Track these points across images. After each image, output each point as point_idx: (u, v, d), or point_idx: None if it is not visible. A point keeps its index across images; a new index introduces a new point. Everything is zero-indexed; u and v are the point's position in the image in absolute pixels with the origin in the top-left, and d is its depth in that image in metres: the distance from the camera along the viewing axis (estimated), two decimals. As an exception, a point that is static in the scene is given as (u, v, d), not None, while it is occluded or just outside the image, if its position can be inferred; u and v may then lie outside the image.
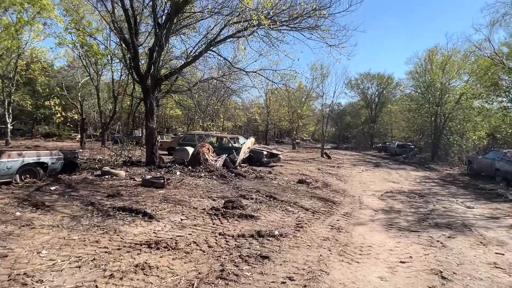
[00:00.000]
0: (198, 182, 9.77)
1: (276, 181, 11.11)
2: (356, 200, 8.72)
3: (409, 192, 10.38)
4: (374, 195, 9.66)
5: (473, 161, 16.23)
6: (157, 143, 12.36)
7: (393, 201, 8.76)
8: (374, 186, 11.55)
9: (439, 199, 9.40)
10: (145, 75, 11.11)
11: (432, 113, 24.91)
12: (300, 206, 7.43)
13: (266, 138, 46.18)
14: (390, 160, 26.90)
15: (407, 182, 13.21)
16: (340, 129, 62.50)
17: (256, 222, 6.04)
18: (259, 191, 8.95)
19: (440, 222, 6.62)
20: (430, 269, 4.13)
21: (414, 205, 8.32)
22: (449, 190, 11.55)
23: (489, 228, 6.38)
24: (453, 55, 24.98)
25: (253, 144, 15.05)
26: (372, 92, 52.73)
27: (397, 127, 42.92)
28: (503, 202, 9.42)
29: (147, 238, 4.85)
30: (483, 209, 8.31)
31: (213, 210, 6.65)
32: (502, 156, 13.93)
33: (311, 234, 5.41)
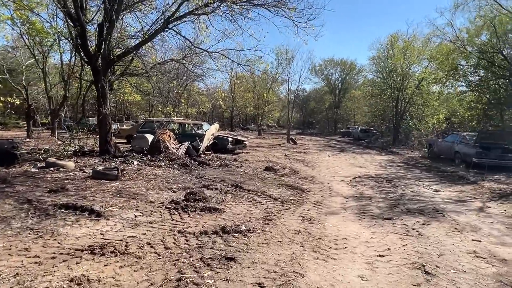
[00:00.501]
0: (158, 172, 8.98)
1: (242, 169, 10.56)
2: (325, 187, 8.39)
3: (376, 177, 10.27)
4: (343, 181, 9.41)
5: (433, 145, 16.66)
6: (112, 130, 11.29)
7: (362, 187, 8.54)
8: (342, 171, 11.36)
9: (406, 183, 9.34)
10: (95, 55, 9.96)
11: (394, 98, 25.43)
12: (268, 195, 6.94)
13: (231, 124, 45.37)
14: (354, 144, 27.33)
15: (373, 166, 13.21)
16: (305, 115, 63.04)
17: (221, 215, 5.45)
18: (224, 180, 8.35)
19: (411, 208, 6.42)
20: (411, 262, 3.78)
21: (383, 191, 8.14)
22: (414, 173, 11.63)
23: (459, 212, 6.27)
24: (413, 42, 25.50)
25: (218, 131, 14.34)
26: (335, 78, 53.41)
27: (360, 112, 43.90)
28: (466, 184, 9.56)
29: (92, 242, 4.11)
30: (450, 192, 8.31)
31: (172, 203, 5.97)
32: (461, 139, 14.33)
33: (282, 227, 4.92)
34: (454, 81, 16.81)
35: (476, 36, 14.62)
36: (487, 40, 14.60)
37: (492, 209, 6.61)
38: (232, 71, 38.72)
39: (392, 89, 25.40)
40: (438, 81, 17.35)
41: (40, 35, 14.81)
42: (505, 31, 13.41)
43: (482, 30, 14.23)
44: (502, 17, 13.07)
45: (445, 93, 18.41)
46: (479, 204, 7.08)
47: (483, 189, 8.79)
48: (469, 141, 13.87)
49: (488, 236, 4.88)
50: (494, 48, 13.90)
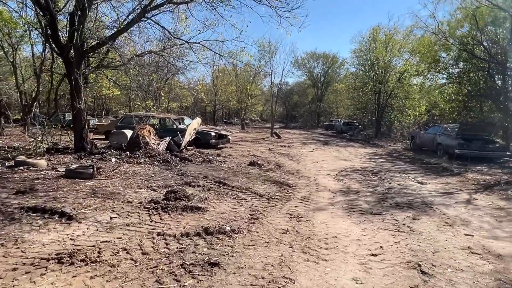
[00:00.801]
0: (137, 170, 8.55)
1: (225, 164, 10.23)
2: (311, 181, 8.18)
3: (362, 170, 10.16)
4: (329, 174, 9.24)
5: (415, 137, 16.78)
6: (87, 126, 10.72)
7: (349, 181, 8.37)
8: (327, 165, 11.21)
9: (392, 176, 9.26)
10: (67, 46, 9.35)
11: (376, 91, 25.57)
12: (253, 192, 6.65)
13: (214, 119, 44.77)
14: (337, 137, 27.39)
15: (358, 159, 13.14)
16: (288, 109, 63.01)
17: (204, 215, 5.14)
18: (207, 176, 8.02)
19: (400, 202, 6.28)
20: (406, 262, 3.59)
21: (370, 184, 8.00)
22: (399, 166, 11.61)
23: (448, 205, 6.17)
24: (395, 34, 25.65)
25: (200, 125, 13.92)
26: (318, 71, 53.49)
27: (343, 105, 44.14)
28: (450, 176, 9.56)
29: (60, 249, 3.72)
30: (436, 184, 8.26)
31: (152, 203, 5.61)
32: (443, 131, 14.45)
33: (268, 226, 4.65)
34: (436, 73, 16.95)
35: (457, 28, 14.71)
36: (467, 32, 14.70)
37: (479, 201, 6.56)
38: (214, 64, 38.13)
39: (374, 82, 25.52)
40: (420, 73, 17.44)
41: (8, 26, 13.92)
42: (485, 23, 13.52)
43: (463, 22, 14.32)
44: (483, 9, 13.15)
45: (426, 85, 18.55)
46: (466, 196, 7.03)
47: (467, 180, 8.79)
48: (451, 132, 13.99)
49: (479, 230, 4.76)
50: (475, 40, 14.01)
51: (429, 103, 20.72)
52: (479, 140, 13.27)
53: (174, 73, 31.34)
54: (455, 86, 17.79)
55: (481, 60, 15.59)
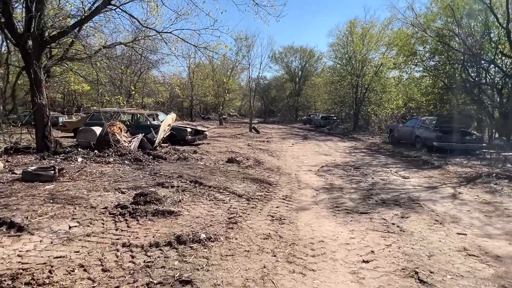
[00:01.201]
0: (105, 170, 7.88)
1: (202, 161, 9.70)
2: (293, 178, 7.80)
3: (344, 165, 9.90)
4: (310, 170, 8.90)
5: (394, 130, 16.81)
6: (50, 123, 9.88)
7: (331, 177, 8.06)
8: (308, 160, 10.89)
9: (374, 171, 9.04)
10: (24, 35, 8.48)
11: (353, 85, 25.60)
12: (231, 192, 6.19)
13: (191, 114, 43.78)
14: (316, 132, 27.30)
15: (338, 153, 12.92)
16: (266, 103, 62.69)
17: (177, 220, 4.64)
18: (182, 176, 7.48)
19: (386, 198, 6.00)
20: (401, 269, 3.24)
21: (353, 180, 7.71)
22: (379, 159, 11.46)
23: (434, 200, 5.95)
24: (371, 28, 25.72)
25: (175, 121, 13.26)
26: (295, 66, 53.31)
27: (321, 99, 44.23)
28: (432, 169, 9.46)
29: (2, 269, 3.14)
30: (419, 178, 8.08)
31: (118, 208, 5.04)
32: (421, 124, 14.49)
33: (248, 231, 4.21)
34: (413, 66, 17.01)
35: (434, 20, 14.72)
36: (443, 24, 14.74)
37: (465, 195, 6.39)
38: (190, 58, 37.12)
39: (351, 75, 25.54)
40: (397, 66, 17.47)
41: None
42: (461, 16, 13.56)
43: (440, 15, 14.32)
44: (459, 1, 13.17)
45: (404, 78, 18.62)
46: (451, 190, 6.86)
47: (449, 173, 8.69)
48: (429, 125, 14.03)
49: (471, 228, 4.52)
50: (452, 32, 14.06)
51: (406, 96, 20.86)
52: (456, 133, 13.36)
53: (148, 67, 30.23)
54: (432, 79, 17.92)
55: (457, 53, 15.72)
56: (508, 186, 7.08)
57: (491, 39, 14.19)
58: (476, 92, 16.55)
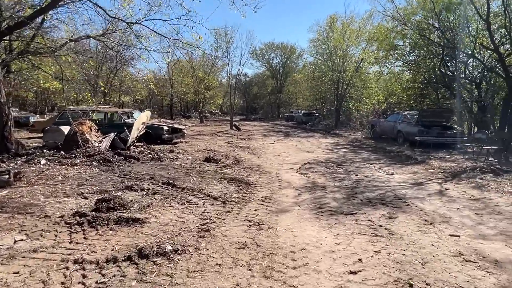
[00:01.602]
0: (70, 173, 7.23)
1: (178, 161, 9.15)
2: (273, 177, 7.37)
3: (326, 162, 9.55)
4: (292, 168, 8.49)
5: (376, 125, 16.67)
6: (10, 122, 9.09)
7: (313, 174, 7.67)
8: (289, 157, 10.49)
9: (357, 167, 8.72)
10: (-25, 26, 7.68)
11: (335, 81, 25.45)
12: (206, 194, 5.69)
13: (171, 112, 42.76)
14: (298, 128, 27.03)
15: (321, 150, 12.60)
16: (248, 101, 62.14)
17: (142, 228, 4.12)
18: (154, 177, 6.93)
19: (371, 197, 5.65)
20: (393, 281, 2.85)
21: (336, 177, 7.35)
22: (362, 155, 11.19)
23: (422, 198, 5.64)
24: (351, 23, 25.61)
25: (149, 119, 12.59)
26: (276, 62, 52.96)
27: (302, 96, 44.11)
28: (415, 164, 9.24)
29: None
30: (403, 174, 7.81)
31: (76, 216, 4.47)
32: (402, 119, 14.36)
33: (222, 240, 3.74)
34: (394, 61, 16.89)
35: (414, 13, 14.58)
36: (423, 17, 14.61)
37: (452, 192, 6.13)
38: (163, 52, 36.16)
39: (332, 71, 25.37)
40: (378, 61, 17.35)
41: None
42: (440, 9, 13.46)
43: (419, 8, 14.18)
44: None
45: (385, 73, 18.50)
46: (437, 186, 6.59)
47: (433, 168, 8.47)
48: (411, 120, 13.92)
49: (463, 227, 4.21)
50: (432, 26, 13.97)
51: (386, 91, 20.83)
52: (437, 127, 13.29)
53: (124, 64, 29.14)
54: (412, 73, 17.90)
55: (436, 47, 15.70)
56: (494, 181, 6.89)
57: (470, 32, 14.18)
58: (455, 86, 16.62)
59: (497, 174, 7.33)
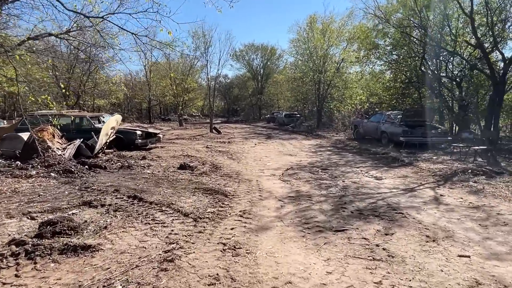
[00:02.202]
0: (21, 187, 6.34)
1: (149, 169, 8.35)
2: (254, 186, 6.70)
3: (310, 166, 8.96)
4: (274, 175, 7.84)
5: (358, 126, 16.31)
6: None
7: (297, 181, 7.05)
8: (271, 162, 9.86)
9: (343, 172, 8.17)
10: None
11: (316, 81, 25.09)
12: (176, 209, 4.97)
13: (149, 116, 41.47)
14: (280, 130, 26.52)
15: (304, 153, 12.04)
16: (229, 103, 61.27)
17: (93, 259, 3.36)
18: (119, 189, 6.15)
19: (362, 208, 5.07)
20: (404, 328, 2.23)
21: (322, 184, 6.75)
22: (347, 158, 10.69)
23: (417, 207, 5.10)
24: (331, 23, 25.31)
25: (119, 124, 11.66)
26: (257, 64, 52.39)
27: (283, 97, 43.74)
28: (403, 167, 8.79)
29: None
30: (392, 179, 7.30)
31: (12, 245, 3.66)
32: (386, 119, 14.02)
33: (188, 273, 3.04)
34: (375, 60, 16.59)
35: (396, 11, 14.31)
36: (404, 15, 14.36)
37: (447, 198, 5.63)
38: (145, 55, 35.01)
39: (313, 71, 25.01)
40: (360, 60, 17.02)
41: None
42: (421, 7, 13.20)
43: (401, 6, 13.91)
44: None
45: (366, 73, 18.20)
46: (431, 192, 6.09)
47: (422, 171, 8.03)
48: (394, 120, 13.59)
49: (470, 244, 3.66)
50: (414, 23, 13.71)
51: (368, 91, 20.58)
52: (421, 127, 13.01)
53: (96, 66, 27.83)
54: (393, 73, 17.68)
55: (417, 46, 15.49)
56: (488, 184, 6.47)
57: (451, 30, 13.99)
58: (436, 85, 16.49)
59: (490, 177, 6.94)
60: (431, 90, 16.71)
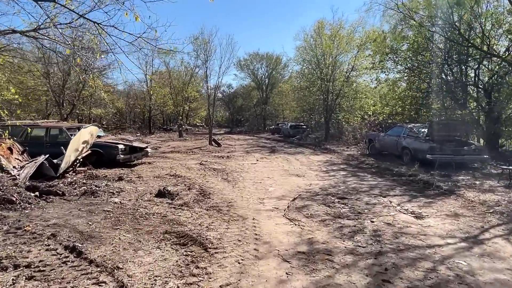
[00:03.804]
0: None
1: (119, 197, 6.54)
2: (248, 229, 4.83)
3: (323, 194, 7.08)
4: (276, 208, 5.97)
5: (374, 139, 14.41)
6: None
7: (308, 221, 5.17)
8: (274, 186, 8.00)
9: (368, 203, 6.28)
10: None
11: (324, 90, 23.30)
12: (120, 281, 3.13)
13: (149, 126, 39.91)
14: (285, 142, 24.70)
15: (313, 172, 10.17)
16: (233, 113, 59.66)
17: None
18: (60, 232, 4.36)
19: (418, 284, 3.18)
20: None
21: (344, 227, 4.86)
22: (366, 180, 8.79)
23: (502, 283, 3.21)
24: (340, 29, 23.62)
25: (94, 137, 9.84)
26: (262, 73, 50.86)
27: (289, 107, 42.00)
28: (442, 196, 6.89)
29: None
30: (439, 218, 5.38)
31: None
32: (408, 132, 12.12)
33: None
34: (393, 66, 14.73)
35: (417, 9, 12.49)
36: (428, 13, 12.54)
37: (541, 260, 3.73)
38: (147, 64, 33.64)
39: (321, 80, 23.25)
40: (374, 66, 15.21)
41: None
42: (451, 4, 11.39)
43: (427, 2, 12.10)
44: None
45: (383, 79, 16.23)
46: (506, 245, 4.18)
47: (473, 204, 6.10)
48: (418, 134, 11.70)
49: None
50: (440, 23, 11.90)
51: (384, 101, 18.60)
52: (451, 142, 11.11)
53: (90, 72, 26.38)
54: (409, 81, 15.78)
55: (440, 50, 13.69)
56: None
57: (483, 31, 12.14)
58: (461, 94, 14.63)
59: None
60: (454, 101, 14.84)
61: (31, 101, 29.08)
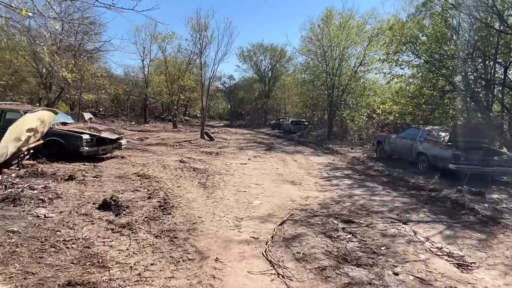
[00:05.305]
0: None
1: (48, 207, 4.85)
2: (201, 283, 3.12)
3: (323, 214, 5.33)
4: (256, 238, 4.23)
5: (384, 142, 12.62)
6: None
7: (300, 269, 3.44)
8: (260, 199, 6.26)
9: (384, 235, 4.52)
10: None
11: (329, 85, 21.43)
12: None
13: (145, 114, 38.23)
14: (284, 139, 22.96)
15: (312, 180, 8.43)
16: (233, 105, 57.71)
17: None
18: None
19: None
20: None
21: (352, 284, 3.15)
22: (379, 195, 7.03)
23: None
24: (350, 19, 21.68)
25: (47, 123, 8.06)
26: (265, 65, 48.80)
27: (291, 102, 40.13)
28: (481, 225, 5.15)
29: None
30: (495, 271, 3.65)
31: None
32: (425, 136, 10.34)
33: None
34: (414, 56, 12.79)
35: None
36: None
37: None
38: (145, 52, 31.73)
39: (327, 74, 21.36)
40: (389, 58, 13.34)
41: None
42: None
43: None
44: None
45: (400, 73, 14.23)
46: None
47: (532, 244, 4.39)
48: (438, 138, 9.94)
49: None
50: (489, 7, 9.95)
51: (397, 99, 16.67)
52: (478, 150, 9.36)
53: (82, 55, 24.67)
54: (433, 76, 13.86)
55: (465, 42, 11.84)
56: None
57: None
58: (484, 95, 12.85)
59: None
60: (474, 102, 13.03)
61: (15, 82, 27.34)
